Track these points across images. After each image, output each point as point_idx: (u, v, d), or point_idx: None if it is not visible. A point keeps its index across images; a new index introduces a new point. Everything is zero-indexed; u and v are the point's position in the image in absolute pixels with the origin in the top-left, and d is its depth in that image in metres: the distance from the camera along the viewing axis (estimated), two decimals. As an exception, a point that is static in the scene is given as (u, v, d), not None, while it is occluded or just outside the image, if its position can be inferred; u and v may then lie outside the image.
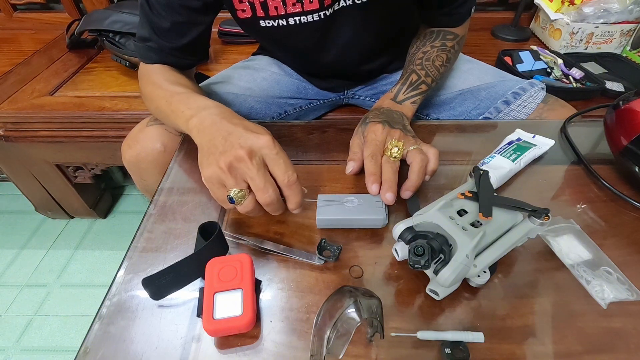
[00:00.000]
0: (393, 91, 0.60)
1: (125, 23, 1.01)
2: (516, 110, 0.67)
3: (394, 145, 0.48)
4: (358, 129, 0.55)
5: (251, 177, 0.38)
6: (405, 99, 0.59)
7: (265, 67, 0.77)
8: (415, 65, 0.62)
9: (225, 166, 0.38)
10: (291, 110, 0.78)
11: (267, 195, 0.38)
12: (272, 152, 0.39)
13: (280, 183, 0.39)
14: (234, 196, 0.38)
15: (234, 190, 0.38)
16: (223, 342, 0.35)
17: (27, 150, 1.01)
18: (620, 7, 1.02)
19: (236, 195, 0.38)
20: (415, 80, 0.60)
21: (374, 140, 0.49)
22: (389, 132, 0.50)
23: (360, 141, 0.52)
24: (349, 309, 0.32)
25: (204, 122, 0.44)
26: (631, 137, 0.47)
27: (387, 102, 0.59)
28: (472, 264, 0.35)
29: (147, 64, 0.60)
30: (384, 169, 0.47)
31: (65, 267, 1.18)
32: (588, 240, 0.43)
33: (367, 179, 0.46)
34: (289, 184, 0.39)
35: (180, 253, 0.42)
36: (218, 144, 0.40)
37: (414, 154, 0.47)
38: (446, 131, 0.62)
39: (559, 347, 0.34)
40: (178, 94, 0.51)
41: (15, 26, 1.32)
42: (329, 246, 0.42)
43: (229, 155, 0.38)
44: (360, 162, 0.50)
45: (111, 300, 0.38)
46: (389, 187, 0.45)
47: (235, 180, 0.38)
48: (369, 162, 0.47)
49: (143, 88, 0.59)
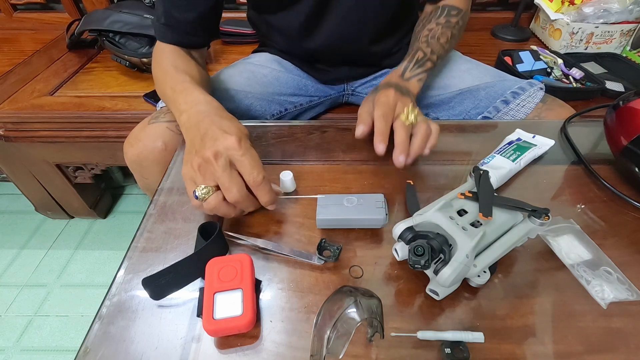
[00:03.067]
0: (400, 68, 0.61)
1: (125, 23, 1.01)
2: (515, 109, 0.67)
3: (411, 112, 0.50)
4: (368, 98, 0.56)
5: (217, 177, 0.41)
6: (412, 76, 0.60)
7: (265, 63, 0.77)
8: (421, 42, 0.63)
9: (196, 165, 0.41)
10: (291, 108, 0.78)
11: (231, 194, 0.40)
12: (238, 153, 0.41)
13: (247, 183, 0.41)
14: (199, 193, 0.40)
15: (200, 187, 0.41)
16: (223, 342, 0.35)
17: (27, 150, 1.01)
18: (620, 7, 1.02)
19: (200, 192, 0.40)
20: (421, 57, 0.61)
21: (385, 102, 0.51)
22: (400, 97, 0.52)
23: (369, 108, 0.53)
24: (349, 309, 0.32)
25: (190, 119, 0.47)
26: (631, 137, 0.47)
27: (395, 78, 0.60)
28: (472, 264, 0.35)
29: (163, 42, 0.61)
30: (398, 132, 0.48)
31: (65, 267, 1.18)
32: (588, 240, 0.43)
33: (376, 138, 0.48)
34: (255, 184, 0.41)
35: (180, 253, 0.42)
36: (195, 143, 0.43)
37: (420, 124, 0.49)
38: (446, 131, 0.62)
39: (559, 347, 0.34)
40: (181, 83, 0.53)
41: (15, 26, 1.32)
42: (329, 246, 0.42)
43: (199, 155, 0.41)
44: (369, 125, 0.51)
45: (111, 300, 0.38)
46: (403, 149, 0.46)
47: (204, 179, 0.41)
48: (380, 122, 0.49)
49: (154, 70, 0.62)
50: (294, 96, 0.78)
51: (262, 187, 0.41)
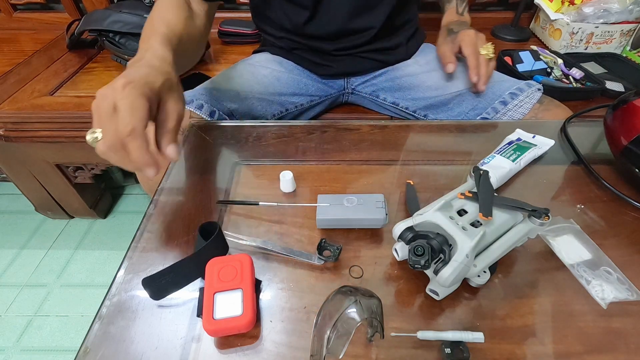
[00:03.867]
0: (452, 8, 0.78)
1: (125, 23, 1.01)
2: (513, 110, 0.68)
3: (489, 47, 0.67)
4: (446, 39, 0.72)
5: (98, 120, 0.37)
6: (464, 10, 0.78)
7: (265, 64, 0.77)
8: None
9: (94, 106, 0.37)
10: (292, 107, 0.78)
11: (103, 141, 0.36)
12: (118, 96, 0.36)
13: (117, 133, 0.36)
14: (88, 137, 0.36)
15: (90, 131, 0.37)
16: (223, 342, 0.35)
17: (27, 150, 1.01)
18: (620, 7, 1.02)
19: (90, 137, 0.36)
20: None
21: (471, 42, 0.67)
22: (477, 34, 0.69)
23: (450, 47, 0.70)
24: (349, 309, 0.32)
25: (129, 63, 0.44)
26: (631, 137, 0.47)
27: (454, 16, 0.76)
28: (472, 264, 0.35)
29: None
30: (485, 67, 0.66)
31: (65, 267, 1.18)
32: (588, 240, 0.43)
33: (471, 71, 0.66)
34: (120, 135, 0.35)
35: (180, 253, 0.42)
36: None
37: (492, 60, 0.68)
38: (446, 131, 0.62)
39: (559, 347, 0.34)
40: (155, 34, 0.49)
41: (15, 26, 1.32)
42: (329, 246, 0.42)
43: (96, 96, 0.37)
44: (456, 63, 0.69)
45: (111, 300, 0.38)
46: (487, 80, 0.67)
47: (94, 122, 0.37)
48: (473, 58, 0.66)
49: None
50: (294, 96, 0.78)
51: (130, 141, 0.35)
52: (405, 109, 0.80)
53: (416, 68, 0.79)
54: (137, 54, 0.46)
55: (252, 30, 1.18)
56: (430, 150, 0.58)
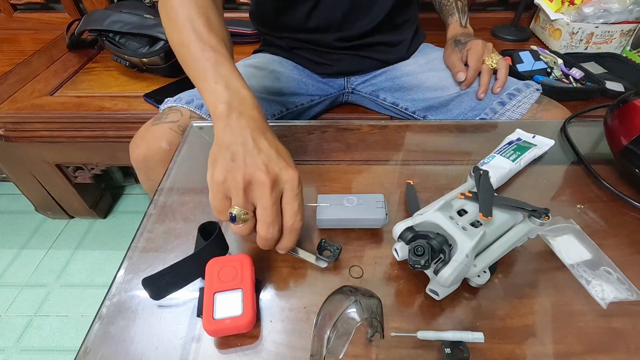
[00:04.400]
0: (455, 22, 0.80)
1: (125, 23, 1.01)
2: (511, 110, 0.68)
3: (493, 58, 0.70)
4: (454, 49, 0.74)
5: (264, 206, 0.35)
6: (466, 22, 0.80)
7: (266, 64, 0.77)
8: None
9: (242, 181, 0.35)
10: (292, 107, 0.78)
11: (270, 231, 0.36)
12: (294, 192, 0.36)
13: (285, 224, 0.37)
14: (237, 216, 0.35)
15: (240, 210, 0.35)
16: (223, 342, 0.35)
17: (27, 150, 1.01)
18: (620, 7, 1.02)
19: (239, 216, 0.35)
20: (461, 6, 0.82)
21: (476, 51, 0.70)
22: (485, 44, 0.71)
23: (458, 57, 0.72)
24: (349, 309, 0.32)
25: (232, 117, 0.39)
26: (631, 137, 0.47)
27: (458, 29, 0.79)
28: (472, 264, 0.35)
29: None
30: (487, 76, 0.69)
31: (65, 267, 1.18)
32: (588, 240, 0.43)
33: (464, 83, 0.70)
34: (292, 229, 0.37)
35: (180, 253, 0.42)
36: (245, 154, 0.36)
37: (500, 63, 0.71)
38: (446, 131, 0.62)
39: (559, 347, 0.34)
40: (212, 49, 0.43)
41: (15, 26, 1.32)
42: (329, 246, 0.42)
43: (252, 174, 0.35)
44: (466, 71, 0.70)
45: (111, 300, 0.38)
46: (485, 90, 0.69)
47: (245, 201, 0.36)
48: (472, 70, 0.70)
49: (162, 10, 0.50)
50: (294, 96, 0.78)
51: (295, 234, 0.37)
52: (405, 109, 0.80)
53: (416, 67, 0.79)
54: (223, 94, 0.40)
55: (252, 30, 1.18)
56: (430, 150, 0.58)
